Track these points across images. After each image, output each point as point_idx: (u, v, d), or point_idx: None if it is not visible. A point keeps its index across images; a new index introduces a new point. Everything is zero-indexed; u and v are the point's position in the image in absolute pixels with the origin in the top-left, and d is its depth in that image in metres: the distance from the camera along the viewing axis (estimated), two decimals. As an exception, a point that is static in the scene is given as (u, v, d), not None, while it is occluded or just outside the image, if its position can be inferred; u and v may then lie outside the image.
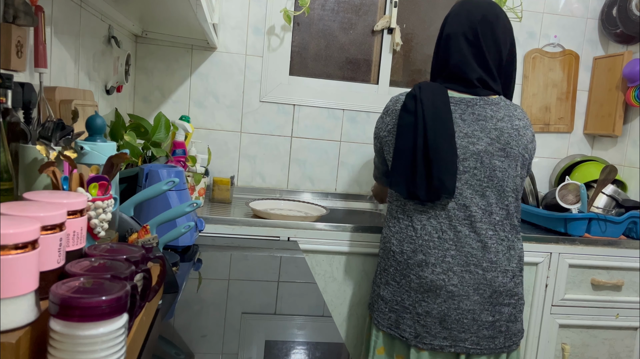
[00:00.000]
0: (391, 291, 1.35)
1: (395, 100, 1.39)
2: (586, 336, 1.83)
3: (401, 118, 1.31)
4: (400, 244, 1.34)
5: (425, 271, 1.29)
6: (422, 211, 1.31)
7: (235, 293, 1.09)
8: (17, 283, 0.54)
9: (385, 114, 1.40)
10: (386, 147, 1.38)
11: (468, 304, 1.28)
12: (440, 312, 1.29)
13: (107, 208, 0.83)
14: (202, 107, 2.08)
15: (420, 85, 1.33)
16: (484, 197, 1.29)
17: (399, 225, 1.35)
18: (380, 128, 1.41)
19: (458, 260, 1.28)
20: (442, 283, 1.28)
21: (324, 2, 2.16)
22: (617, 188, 1.90)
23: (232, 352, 0.81)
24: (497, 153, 1.28)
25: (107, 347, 0.55)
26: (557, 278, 1.76)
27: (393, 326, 1.35)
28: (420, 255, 1.30)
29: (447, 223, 1.29)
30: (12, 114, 0.83)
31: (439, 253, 1.29)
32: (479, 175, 1.28)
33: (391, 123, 1.36)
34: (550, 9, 2.24)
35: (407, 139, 1.30)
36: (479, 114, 1.30)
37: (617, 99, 2.11)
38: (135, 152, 1.52)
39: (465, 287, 1.28)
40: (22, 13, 0.90)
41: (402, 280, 1.33)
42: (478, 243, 1.28)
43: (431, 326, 1.30)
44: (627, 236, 1.84)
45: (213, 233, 1.59)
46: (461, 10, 1.34)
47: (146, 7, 1.53)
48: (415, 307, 1.31)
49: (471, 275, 1.28)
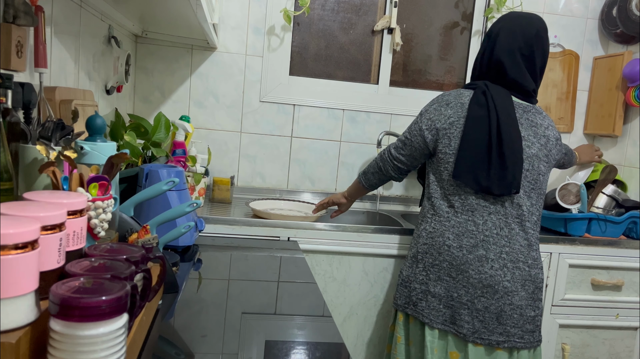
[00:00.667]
0: (445, 287, 1.36)
1: (457, 94, 1.41)
2: (586, 336, 1.83)
3: (472, 111, 1.34)
4: (458, 238, 1.34)
5: (485, 266, 1.32)
6: (485, 206, 1.34)
7: (235, 293, 1.09)
8: (17, 283, 0.54)
9: (443, 106, 1.41)
10: (444, 139, 1.38)
11: (518, 300, 1.33)
12: (498, 308, 1.32)
13: (107, 208, 0.83)
14: (202, 107, 2.08)
15: (486, 83, 1.39)
16: (529, 198, 1.36)
17: (455, 219, 1.36)
18: (436, 120, 1.40)
19: (511, 257, 1.33)
20: (499, 279, 1.32)
21: (324, 2, 2.16)
22: (617, 188, 1.90)
23: (232, 352, 0.81)
24: (543, 159, 1.38)
25: (107, 347, 0.55)
26: (557, 278, 1.76)
27: (448, 322, 1.36)
28: (481, 250, 1.33)
29: (504, 220, 1.34)
30: (12, 114, 0.83)
31: (497, 249, 1.33)
32: (529, 177, 1.36)
33: (454, 116, 1.37)
34: (550, 9, 2.24)
35: (479, 131, 1.33)
36: (532, 120, 1.39)
37: (617, 99, 2.11)
38: (135, 152, 1.52)
39: (516, 283, 1.33)
40: (22, 13, 0.90)
41: (459, 275, 1.34)
42: (525, 241, 1.35)
43: (489, 322, 1.33)
44: (627, 236, 1.84)
45: (213, 233, 1.59)
46: (515, 26, 1.41)
47: (146, 7, 1.53)
48: (474, 303, 1.33)
49: (520, 271, 1.34)
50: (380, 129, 2.16)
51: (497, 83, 1.40)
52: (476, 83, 1.41)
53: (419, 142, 1.44)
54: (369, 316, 1.70)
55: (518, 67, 1.39)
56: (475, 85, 1.41)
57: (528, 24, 1.40)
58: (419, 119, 1.45)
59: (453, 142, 1.36)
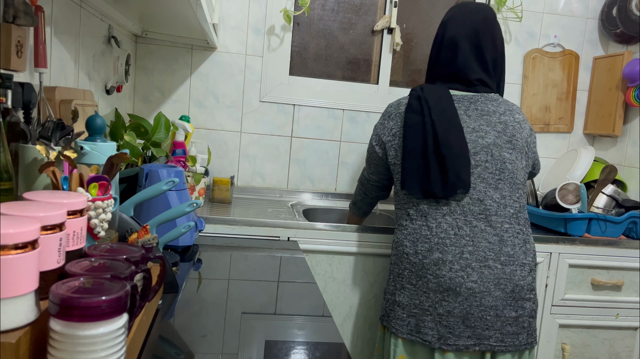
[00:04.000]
0: (408, 295, 1.32)
1: (397, 104, 1.41)
2: (586, 336, 1.82)
3: (408, 119, 1.33)
4: (413, 245, 1.32)
5: (442, 269, 1.28)
6: (436, 209, 1.31)
7: (235, 293, 1.09)
8: (17, 283, 0.54)
9: (386, 119, 1.42)
10: (391, 151, 1.39)
11: (490, 301, 1.27)
12: (462, 311, 1.27)
13: (107, 208, 0.83)
14: (202, 107, 2.08)
15: (421, 86, 1.38)
16: (497, 190, 1.30)
17: (411, 226, 1.34)
18: (381, 134, 1.42)
19: (476, 256, 1.27)
20: (461, 281, 1.26)
21: (324, 2, 2.16)
22: (617, 188, 1.90)
23: (232, 352, 0.81)
24: (505, 146, 1.32)
25: (107, 347, 0.55)
26: (557, 278, 1.76)
27: (414, 332, 1.31)
28: (437, 254, 1.28)
29: (462, 219, 1.29)
30: (12, 114, 0.84)
31: (456, 250, 1.28)
32: (491, 168, 1.31)
33: (396, 127, 1.38)
34: (550, 9, 2.24)
35: (416, 139, 1.31)
36: (482, 109, 1.35)
37: (617, 99, 2.11)
38: (135, 152, 1.52)
39: (486, 283, 1.27)
40: (22, 13, 0.90)
41: (419, 281, 1.30)
42: (495, 237, 1.28)
43: (454, 326, 1.28)
44: (627, 236, 1.84)
45: (213, 233, 1.59)
46: (461, 14, 1.40)
47: (146, 7, 1.53)
48: (436, 308, 1.28)
49: (490, 270, 1.27)
50: (380, 129, 2.16)
51: (443, 77, 1.39)
52: (415, 89, 1.39)
53: (375, 157, 1.46)
54: (369, 316, 1.70)
55: (463, 55, 1.36)
56: (414, 90, 1.39)
57: (474, 11, 1.39)
58: (372, 135, 1.47)
59: (398, 153, 1.37)
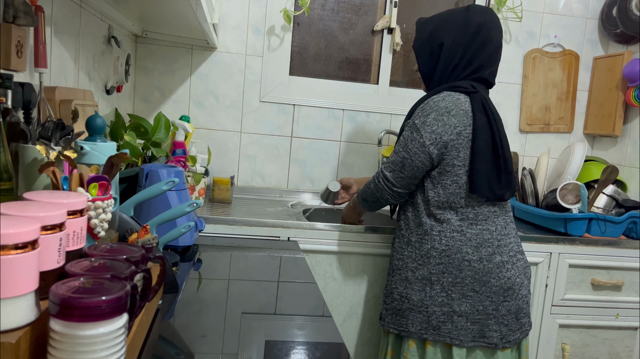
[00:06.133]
0: (470, 303, 1.30)
1: (454, 100, 1.29)
2: (586, 336, 1.83)
3: (477, 119, 1.28)
4: (476, 251, 1.30)
5: (503, 271, 1.31)
6: (494, 211, 1.34)
7: (235, 293, 1.09)
8: (17, 283, 0.54)
9: (445, 115, 1.28)
10: (452, 151, 1.28)
11: (524, 291, 1.36)
12: (516, 306, 1.33)
13: (107, 208, 0.83)
14: (202, 107, 2.08)
15: (473, 85, 1.33)
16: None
17: (471, 231, 1.31)
18: (442, 132, 1.27)
19: (514, 251, 1.35)
20: (514, 278, 1.33)
21: (324, 2, 2.16)
22: (617, 188, 1.90)
23: (232, 352, 0.81)
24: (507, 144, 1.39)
25: (107, 347, 0.55)
26: (557, 278, 1.76)
27: (477, 337, 1.31)
28: (498, 257, 1.31)
29: (505, 218, 1.36)
30: (12, 114, 0.84)
31: (507, 249, 1.33)
32: None
33: (460, 125, 1.27)
34: (550, 9, 2.24)
35: (486, 141, 1.28)
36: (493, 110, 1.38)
37: (617, 99, 2.11)
38: (135, 152, 1.52)
39: (520, 275, 1.35)
40: (22, 13, 0.90)
41: (482, 287, 1.30)
42: (514, 231, 1.38)
43: (512, 323, 1.33)
44: (627, 236, 1.84)
45: (213, 233, 1.59)
46: (493, 18, 1.38)
47: (146, 7, 1.53)
48: (499, 309, 1.31)
49: (520, 263, 1.36)
50: (380, 129, 2.16)
51: (475, 75, 1.36)
52: (462, 85, 1.32)
53: (421, 160, 1.30)
54: (369, 316, 1.70)
55: (495, 60, 1.39)
56: (464, 88, 1.32)
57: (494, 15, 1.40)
58: (417, 134, 1.30)
59: (462, 153, 1.28)
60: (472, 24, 1.34)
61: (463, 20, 1.35)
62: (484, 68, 1.36)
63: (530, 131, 2.28)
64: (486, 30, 1.35)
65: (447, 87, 1.34)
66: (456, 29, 1.35)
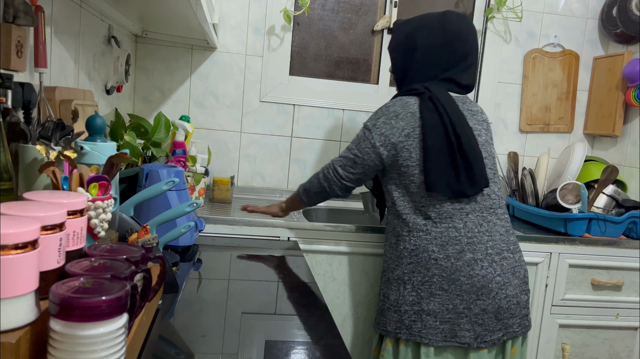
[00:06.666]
0: (439, 302, 1.30)
1: (403, 104, 1.35)
2: (586, 336, 1.83)
3: (426, 119, 1.30)
4: (442, 249, 1.30)
5: (475, 269, 1.29)
6: (460, 208, 1.31)
7: (235, 293, 1.09)
8: (17, 283, 0.54)
9: (393, 119, 1.34)
10: (404, 152, 1.32)
11: (511, 290, 1.32)
12: (495, 305, 1.30)
13: (107, 208, 0.83)
14: (202, 107, 2.08)
15: (425, 86, 1.36)
16: (495, 184, 1.38)
17: (436, 230, 1.31)
18: (390, 134, 1.33)
19: (496, 250, 1.32)
20: (491, 276, 1.29)
21: (324, 2, 2.16)
22: (617, 188, 1.90)
23: (232, 352, 0.81)
24: (491, 142, 1.41)
25: (107, 347, 0.55)
26: (557, 278, 1.76)
27: (448, 337, 1.30)
28: (469, 254, 1.29)
29: (480, 216, 1.33)
30: (12, 114, 0.84)
31: (482, 246, 1.30)
32: (489, 163, 1.37)
33: (409, 127, 1.31)
34: (550, 9, 2.24)
35: (438, 138, 1.29)
36: (471, 109, 1.40)
37: (617, 99, 2.11)
38: (135, 152, 1.52)
39: (507, 274, 1.31)
40: (22, 13, 0.90)
41: (451, 286, 1.29)
42: (503, 228, 1.35)
43: (488, 323, 1.30)
44: (627, 236, 1.84)
45: (213, 233, 1.59)
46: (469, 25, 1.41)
47: (146, 7, 1.53)
48: (471, 309, 1.29)
49: (507, 261, 1.33)
50: (380, 129, 2.16)
51: (442, 76, 1.38)
52: (415, 88, 1.36)
53: (372, 159, 1.36)
54: (369, 316, 1.70)
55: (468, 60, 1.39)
56: (415, 90, 1.36)
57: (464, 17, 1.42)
58: (368, 135, 1.36)
59: (414, 154, 1.31)
60: (446, 29, 1.38)
61: (438, 25, 1.39)
62: (456, 71, 1.39)
63: (530, 131, 2.28)
64: (460, 36, 1.38)
65: (404, 91, 1.40)
66: (430, 33, 1.39)
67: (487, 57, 2.22)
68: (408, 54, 1.41)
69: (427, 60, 1.39)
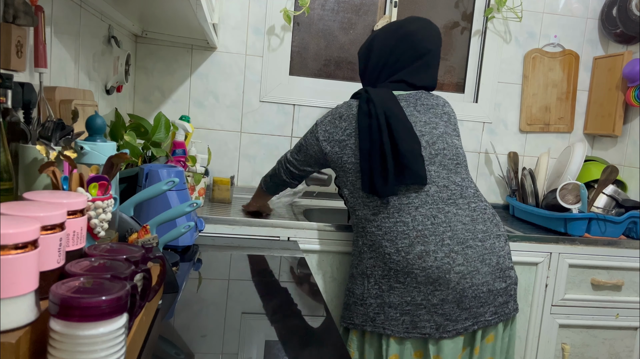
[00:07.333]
0: (398, 294, 1.33)
1: (347, 106, 1.43)
2: (586, 336, 1.83)
3: (361, 121, 1.36)
4: (393, 243, 1.32)
5: (427, 261, 1.29)
6: (408, 203, 1.33)
7: (235, 293, 1.09)
8: (17, 283, 0.54)
9: (337, 119, 1.42)
10: (347, 150, 1.39)
11: (480, 278, 1.31)
12: (456, 295, 1.30)
13: (107, 208, 0.83)
14: (202, 107, 2.08)
15: (365, 89, 1.42)
16: (457, 174, 1.38)
17: (386, 225, 1.34)
18: (333, 132, 1.42)
19: (456, 240, 1.31)
20: (448, 267, 1.29)
21: (324, 2, 2.16)
22: (617, 188, 1.90)
23: (232, 352, 0.81)
24: (452, 133, 1.42)
25: (107, 347, 0.55)
26: (557, 278, 1.76)
27: (410, 328, 1.32)
28: (419, 247, 1.30)
29: (435, 207, 1.33)
30: (12, 114, 0.84)
31: (437, 238, 1.30)
32: (449, 154, 1.38)
33: (350, 127, 1.39)
34: (550, 9, 2.24)
35: (367, 141, 1.34)
36: (427, 104, 1.43)
37: (617, 99, 2.11)
38: (135, 152, 1.52)
39: (472, 262, 1.31)
40: (22, 13, 0.90)
41: (407, 278, 1.31)
42: (467, 218, 1.34)
43: (450, 312, 1.31)
44: (627, 236, 1.84)
45: (213, 233, 1.59)
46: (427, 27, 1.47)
47: (146, 7, 1.53)
48: (429, 299, 1.30)
49: (472, 250, 1.32)
50: (380, 129, 2.16)
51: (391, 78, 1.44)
52: (359, 92, 1.44)
53: (314, 150, 1.46)
54: (369, 316, 1.70)
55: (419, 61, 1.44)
56: (358, 93, 1.44)
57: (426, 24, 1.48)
58: (315, 129, 1.46)
59: (355, 153, 1.37)
60: (400, 30, 1.45)
61: (396, 28, 1.46)
62: (409, 72, 1.43)
63: (530, 131, 2.28)
64: (415, 35, 1.43)
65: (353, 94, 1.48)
66: (386, 35, 1.46)
67: (487, 57, 2.22)
68: (366, 58, 1.50)
69: (381, 62, 1.46)
